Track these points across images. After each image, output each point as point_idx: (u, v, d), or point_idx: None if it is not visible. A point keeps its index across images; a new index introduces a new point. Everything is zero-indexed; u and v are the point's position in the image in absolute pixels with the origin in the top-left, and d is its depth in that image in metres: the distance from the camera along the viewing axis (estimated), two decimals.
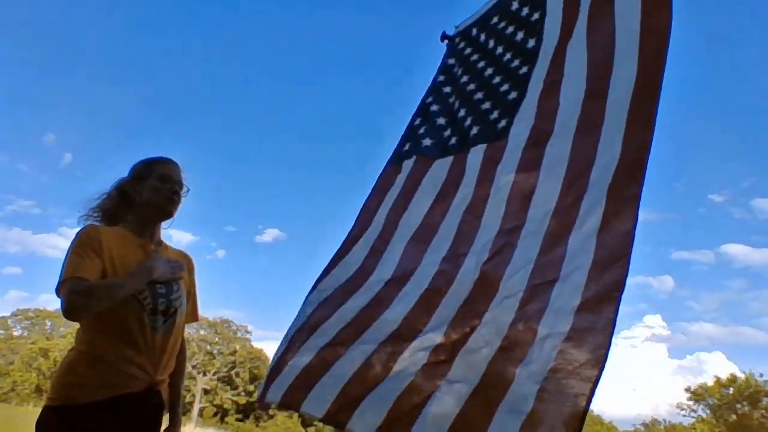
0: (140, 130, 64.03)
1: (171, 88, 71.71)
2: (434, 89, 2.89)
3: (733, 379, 32.40)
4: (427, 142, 2.65)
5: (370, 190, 2.69)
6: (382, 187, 2.63)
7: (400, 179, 2.60)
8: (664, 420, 38.11)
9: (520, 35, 2.52)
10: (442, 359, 1.79)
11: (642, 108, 1.74)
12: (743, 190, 61.69)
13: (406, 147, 2.73)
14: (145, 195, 1.94)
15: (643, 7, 1.95)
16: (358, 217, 2.60)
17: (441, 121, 2.69)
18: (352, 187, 66.41)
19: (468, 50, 2.84)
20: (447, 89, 2.81)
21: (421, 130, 2.73)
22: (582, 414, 1.35)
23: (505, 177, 2.12)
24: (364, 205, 2.62)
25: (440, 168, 2.47)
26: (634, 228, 1.55)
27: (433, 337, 1.88)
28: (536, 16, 2.50)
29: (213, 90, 72.22)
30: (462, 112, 2.60)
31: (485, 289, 1.89)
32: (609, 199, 1.65)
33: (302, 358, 2.04)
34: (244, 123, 71.98)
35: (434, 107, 2.79)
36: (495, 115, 2.36)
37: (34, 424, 1.68)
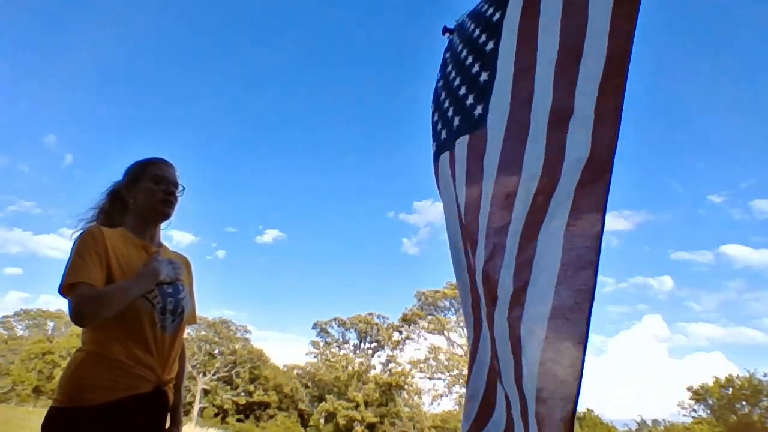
0: (141, 132, 64.08)
1: (172, 90, 71.76)
2: (435, 88, 2.82)
3: (732, 379, 32.39)
4: (433, 146, 2.64)
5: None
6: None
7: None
8: (664, 420, 38.10)
9: (490, 10, 2.39)
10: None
11: (607, 103, 1.65)
12: (742, 191, 61.57)
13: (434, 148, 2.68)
14: (140, 198, 1.92)
15: None
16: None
17: (435, 118, 2.66)
18: (352, 188, 66.40)
19: (457, 41, 2.74)
20: (440, 84, 2.73)
21: (433, 130, 2.70)
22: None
23: (490, 172, 2.05)
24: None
25: (444, 167, 2.44)
26: (602, 232, 1.48)
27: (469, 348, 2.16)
28: None
29: (213, 90, 72.33)
30: (447, 105, 2.52)
31: (489, 292, 1.89)
32: (575, 199, 1.59)
33: None
34: (244, 124, 72.04)
35: (431, 106, 2.74)
36: (470, 100, 2.24)
37: (37, 425, 1.68)
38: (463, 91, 2.35)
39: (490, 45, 2.26)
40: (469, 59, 2.40)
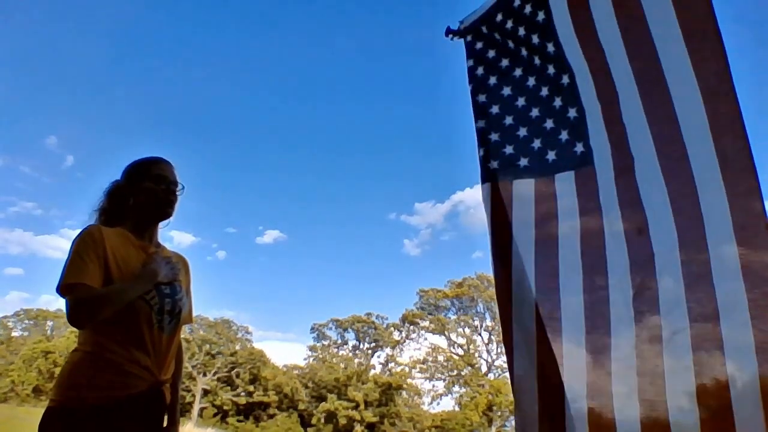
0: (142, 132, 63.87)
1: (173, 90, 71.69)
2: (473, 102, 2.70)
3: None
4: (493, 164, 2.53)
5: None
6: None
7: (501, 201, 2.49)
8: None
9: (535, 38, 2.40)
10: None
11: (724, 118, 1.74)
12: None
13: (494, 165, 2.56)
14: (141, 197, 1.93)
15: (677, 8, 1.90)
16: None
17: (495, 137, 2.55)
18: (354, 189, 66.41)
19: (489, 53, 2.67)
20: (482, 98, 2.64)
21: (489, 148, 2.58)
22: None
23: (611, 210, 2.09)
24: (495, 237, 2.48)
25: (523, 190, 2.40)
26: None
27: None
28: (542, 15, 2.38)
29: (214, 91, 72.26)
30: (522, 131, 2.47)
31: (650, 329, 1.90)
32: (735, 221, 1.68)
33: None
34: (244, 124, 72.01)
35: (480, 124, 2.63)
36: (565, 136, 2.29)
37: (37, 425, 1.67)
38: (550, 124, 2.38)
39: (565, 79, 2.31)
40: (544, 90, 2.42)
